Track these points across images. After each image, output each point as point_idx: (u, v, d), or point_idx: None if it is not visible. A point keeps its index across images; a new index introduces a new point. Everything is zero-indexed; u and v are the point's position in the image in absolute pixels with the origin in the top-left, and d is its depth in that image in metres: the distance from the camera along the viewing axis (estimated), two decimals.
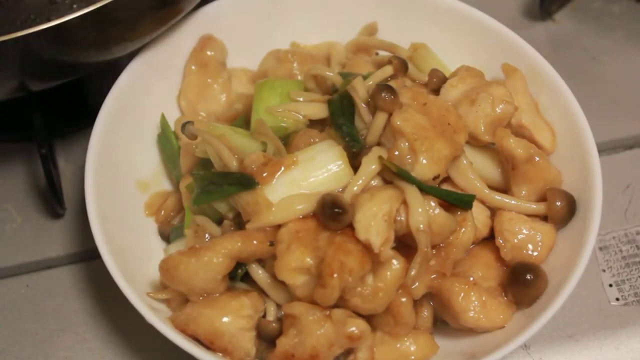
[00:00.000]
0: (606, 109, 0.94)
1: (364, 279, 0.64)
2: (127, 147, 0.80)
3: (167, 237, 0.79)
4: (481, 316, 0.69)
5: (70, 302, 0.82)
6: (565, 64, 0.82)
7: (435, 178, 0.68)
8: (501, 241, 0.71)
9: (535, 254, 0.71)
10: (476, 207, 0.72)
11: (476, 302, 0.69)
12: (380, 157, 0.67)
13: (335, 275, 0.61)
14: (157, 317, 0.66)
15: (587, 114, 0.76)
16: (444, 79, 0.77)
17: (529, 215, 0.73)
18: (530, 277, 0.69)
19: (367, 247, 0.63)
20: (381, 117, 0.69)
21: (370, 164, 0.68)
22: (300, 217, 0.66)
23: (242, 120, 0.80)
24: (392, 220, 0.65)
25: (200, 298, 0.67)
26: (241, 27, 0.88)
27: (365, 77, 0.74)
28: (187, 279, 0.67)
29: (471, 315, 0.69)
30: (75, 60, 0.75)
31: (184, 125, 0.74)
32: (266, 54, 0.87)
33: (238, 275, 0.69)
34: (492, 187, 0.74)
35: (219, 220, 0.72)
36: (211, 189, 0.69)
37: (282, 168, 0.68)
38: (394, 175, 0.67)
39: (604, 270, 0.82)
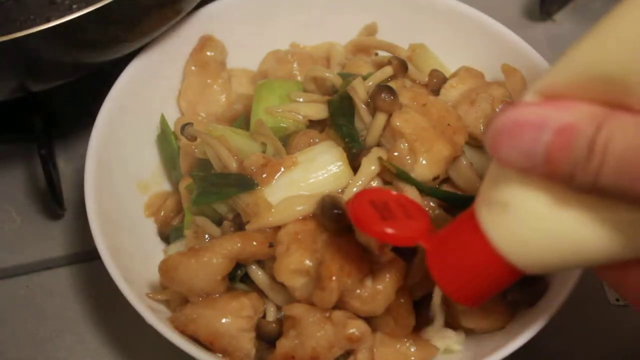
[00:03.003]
0: None
1: (363, 282, 0.64)
2: (126, 147, 0.80)
3: (166, 237, 0.79)
4: (481, 317, 0.69)
5: (70, 303, 0.82)
6: None
7: (435, 179, 0.68)
8: None
9: None
10: None
11: None
12: (380, 158, 0.67)
13: (334, 278, 0.61)
14: (156, 317, 0.66)
15: None
16: (444, 80, 0.77)
17: None
18: (530, 277, 0.69)
19: (366, 249, 0.63)
20: (381, 118, 0.69)
21: (370, 165, 0.68)
22: (300, 218, 0.66)
23: (242, 120, 0.80)
24: None
25: (200, 299, 0.67)
26: (241, 27, 0.88)
27: (365, 78, 0.74)
28: (186, 280, 0.67)
29: (471, 316, 0.69)
30: (75, 61, 0.75)
31: (183, 127, 0.74)
32: (266, 55, 0.86)
33: (237, 276, 0.69)
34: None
35: (218, 221, 0.72)
36: (210, 190, 0.69)
37: (282, 169, 0.68)
38: (393, 176, 0.67)
39: None
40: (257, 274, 0.68)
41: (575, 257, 0.46)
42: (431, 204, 0.67)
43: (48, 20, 0.66)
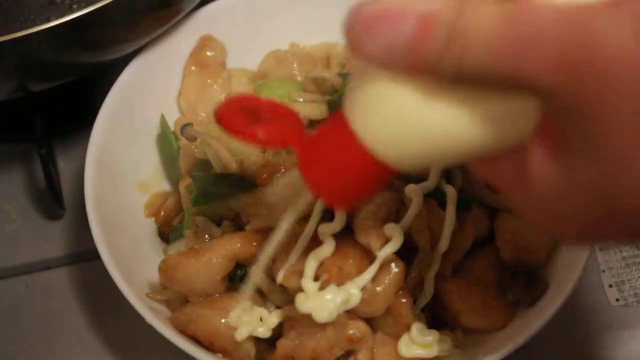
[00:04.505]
0: None
1: None
2: (126, 147, 0.80)
3: (166, 237, 0.79)
4: (481, 317, 0.69)
5: (70, 303, 0.82)
6: None
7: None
8: (501, 241, 0.71)
9: (535, 254, 0.71)
10: (476, 207, 0.71)
11: (476, 303, 0.69)
12: None
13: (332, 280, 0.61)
14: (156, 317, 0.66)
15: None
16: None
17: None
18: (530, 277, 0.69)
19: (366, 251, 0.63)
20: None
21: None
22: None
23: None
24: (391, 222, 0.65)
25: (200, 299, 0.67)
26: (241, 27, 0.88)
27: None
28: (186, 280, 0.67)
29: (471, 316, 0.69)
30: (75, 60, 0.75)
31: (183, 127, 0.74)
32: (266, 55, 0.86)
33: (237, 276, 0.69)
34: (492, 187, 0.73)
35: (218, 221, 0.72)
36: (210, 190, 0.69)
37: (282, 170, 0.68)
38: None
39: (603, 271, 0.82)
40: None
41: (444, 152, 0.44)
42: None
43: (48, 20, 0.66)
